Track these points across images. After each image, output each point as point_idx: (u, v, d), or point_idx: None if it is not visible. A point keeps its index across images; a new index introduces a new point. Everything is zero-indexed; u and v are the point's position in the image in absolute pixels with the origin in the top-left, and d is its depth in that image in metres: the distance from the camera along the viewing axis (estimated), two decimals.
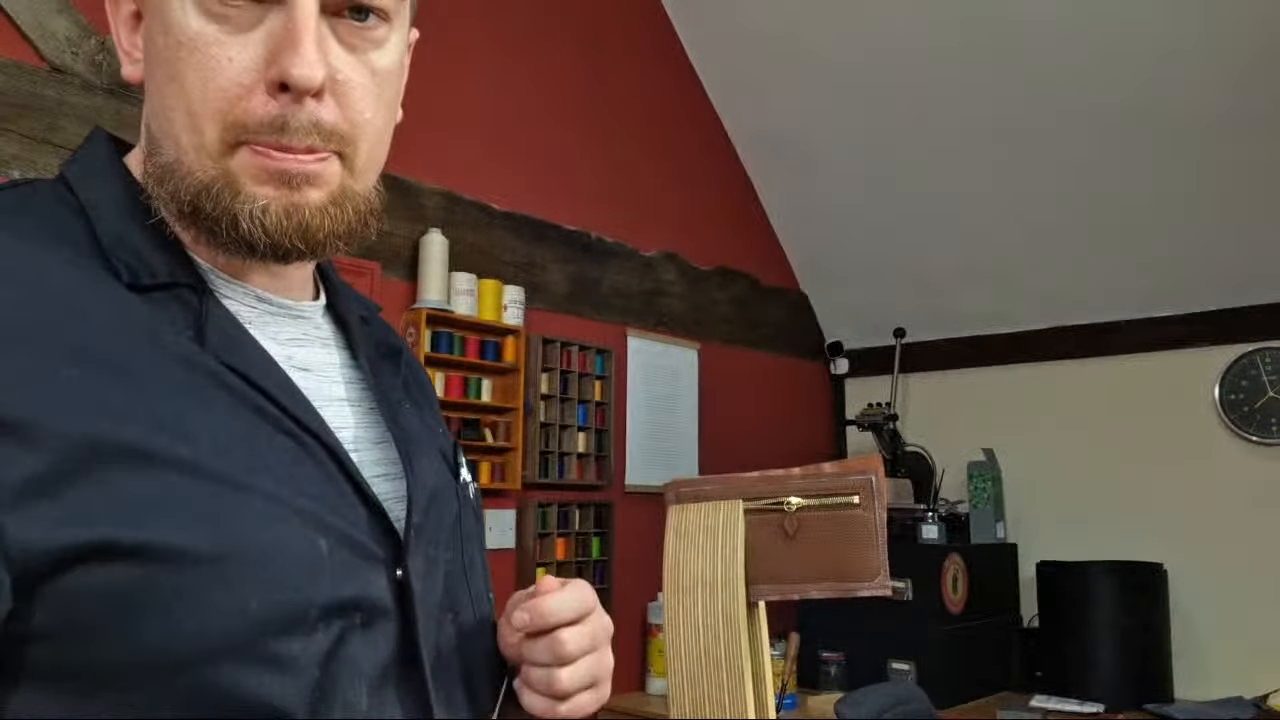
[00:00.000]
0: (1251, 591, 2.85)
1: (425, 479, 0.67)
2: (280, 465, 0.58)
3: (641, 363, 3.07)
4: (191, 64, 0.57)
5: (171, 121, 0.59)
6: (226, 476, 0.54)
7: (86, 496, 0.50)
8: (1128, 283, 3.08)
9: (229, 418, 0.57)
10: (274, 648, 0.53)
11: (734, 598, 0.76)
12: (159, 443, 0.52)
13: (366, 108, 0.61)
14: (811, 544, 0.77)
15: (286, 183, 0.59)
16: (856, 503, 0.77)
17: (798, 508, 0.78)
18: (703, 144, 3.40)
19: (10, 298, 0.52)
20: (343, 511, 0.60)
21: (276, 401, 0.59)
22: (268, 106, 0.57)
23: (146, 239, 0.60)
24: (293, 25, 0.57)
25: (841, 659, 2.95)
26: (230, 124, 0.57)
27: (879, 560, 0.75)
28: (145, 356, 0.55)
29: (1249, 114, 2.59)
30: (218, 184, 0.58)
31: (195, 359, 0.57)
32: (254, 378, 0.59)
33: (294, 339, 0.67)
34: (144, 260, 0.59)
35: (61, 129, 1.83)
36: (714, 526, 0.78)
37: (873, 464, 0.78)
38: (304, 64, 0.56)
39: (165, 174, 0.59)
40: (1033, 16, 2.67)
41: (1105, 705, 2.64)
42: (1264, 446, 2.88)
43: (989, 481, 3.19)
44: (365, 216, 0.64)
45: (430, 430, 0.75)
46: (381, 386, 0.70)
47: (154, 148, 0.61)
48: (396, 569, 0.62)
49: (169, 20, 0.58)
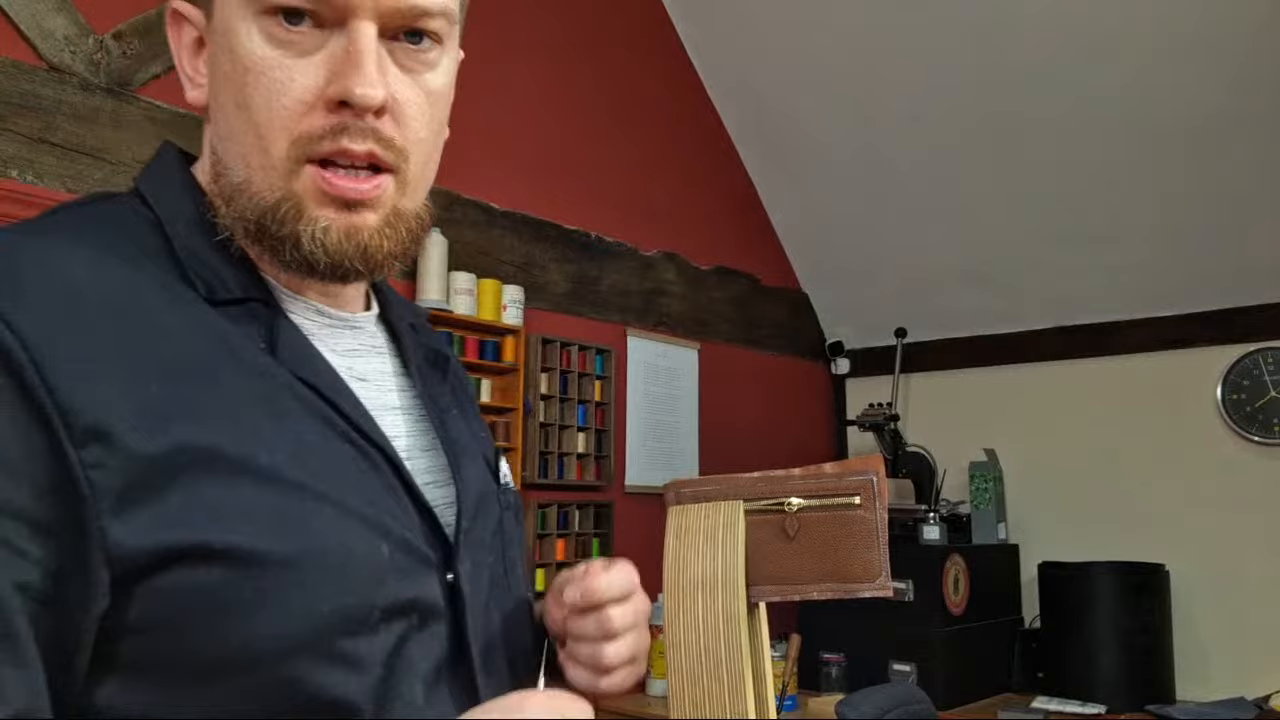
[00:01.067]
0: (1253, 592, 2.85)
1: (472, 485, 0.71)
2: (347, 474, 0.61)
3: (641, 363, 3.06)
4: (259, 87, 0.60)
5: (240, 143, 0.62)
6: (301, 484, 0.58)
7: (178, 503, 0.53)
8: (1128, 283, 3.07)
9: (302, 428, 0.60)
10: (343, 647, 0.56)
11: (734, 598, 0.75)
12: (242, 451, 0.56)
13: (421, 125, 0.65)
14: (812, 545, 0.77)
15: (346, 206, 0.62)
16: (857, 503, 0.76)
17: (798, 508, 0.77)
18: (703, 144, 3.40)
19: (103, 314, 0.55)
20: (401, 518, 0.63)
21: (343, 413, 0.63)
22: (328, 118, 0.61)
23: (219, 255, 0.63)
24: (354, 48, 0.60)
25: (842, 660, 2.95)
26: (295, 138, 0.61)
27: (880, 561, 0.75)
28: (227, 369, 0.59)
29: (1250, 114, 2.59)
30: (283, 206, 0.61)
31: (270, 371, 0.61)
32: (323, 390, 0.63)
33: (352, 350, 0.70)
34: (219, 276, 0.62)
35: (60, 128, 1.82)
36: (714, 527, 0.78)
37: (874, 464, 0.77)
38: (366, 83, 0.60)
39: (234, 194, 0.63)
40: (1033, 16, 2.67)
41: (1107, 706, 2.64)
42: (1266, 447, 2.87)
43: (990, 482, 3.19)
44: (416, 234, 0.67)
45: (474, 435, 0.78)
46: (430, 394, 0.74)
47: (221, 169, 0.64)
48: (447, 572, 0.65)
49: (235, 46, 0.61)
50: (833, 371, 3.83)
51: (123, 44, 1.92)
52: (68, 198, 1.83)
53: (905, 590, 2.81)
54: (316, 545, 0.57)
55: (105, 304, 0.55)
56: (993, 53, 2.79)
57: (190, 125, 2.01)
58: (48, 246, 0.57)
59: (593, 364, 2.87)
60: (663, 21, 3.27)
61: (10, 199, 1.75)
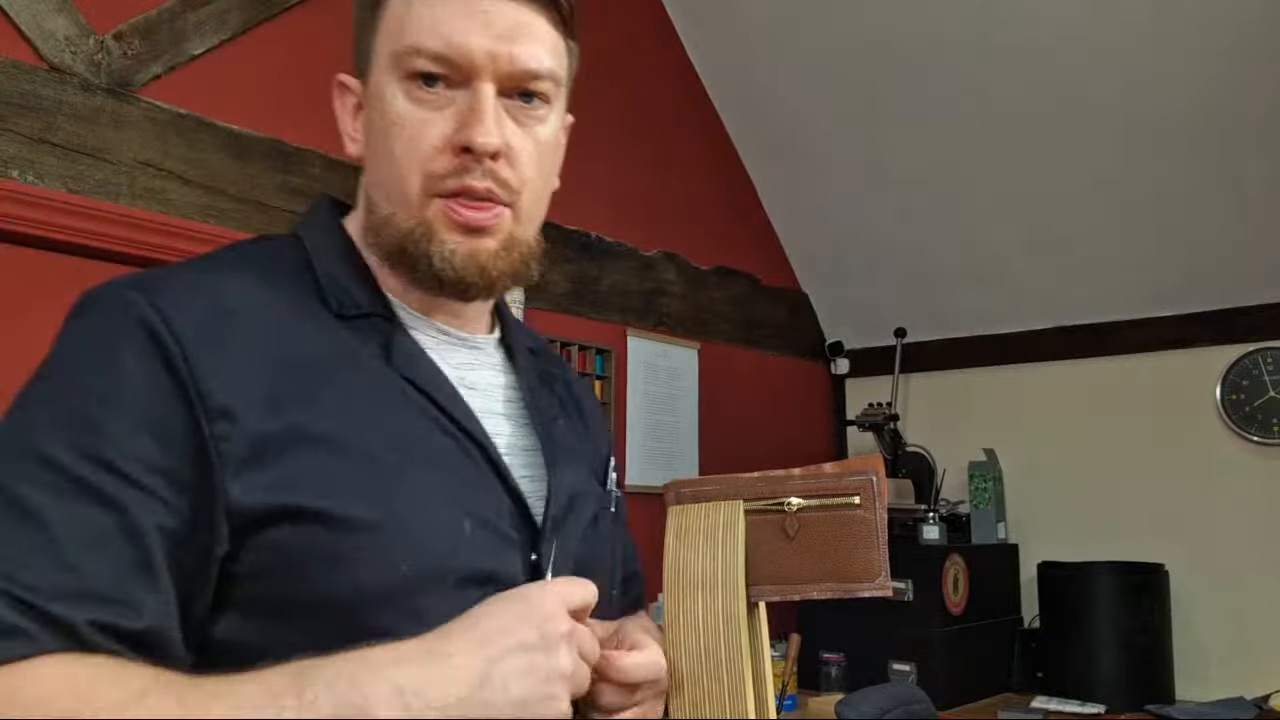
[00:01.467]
0: (1253, 592, 2.85)
1: (565, 482, 0.81)
2: (441, 459, 0.73)
3: (641, 363, 3.06)
4: (400, 137, 0.75)
5: (384, 184, 0.77)
6: (395, 465, 0.70)
7: (287, 471, 0.66)
8: (1128, 283, 3.07)
9: (404, 419, 0.73)
10: (418, 602, 0.67)
11: (734, 598, 0.76)
12: (346, 435, 0.69)
13: (531, 169, 0.78)
14: (812, 544, 0.77)
15: (470, 231, 0.75)
16: (857, 503, 0.76)
17: (798, 508, 0.77)
18: (703, 143, 3.40)
19: (242, 323, 0.70)
20: (488, 501, 0.75)
21: (442, 408, 0.75)
22: (454, 161, 0.74)
23: (352, 279, 0.78)
24: (476, 105, 0.74)
25: (842, 660, 2.95)
26: (427, 177, 0.74)
27: (880, 561, 0.75)
28: (343, 369, 0.72)
29: (1250, 113, 2.59)
30: (418, 231, 0.75)
31: (382, 373, 0.74)
32: (426, 389, 0.75)
33: (466, 363, 0.83)
34: (349, 295, 0.77)
35: (60, 128, 1.82)
36: (714, 527, 0.78)
37: (873, 464, 0.77)
38: (485, 133, 0.73)
39: (379, 226, 0.77)
40: (1033, 16, 2.67)
41: (1106, 706, 2.64)
42: (1265, 447, 2.87)
43: (990, 482, 3.19)
44: (528, 260, 0.80)
45: (582, 443, 0.90)
46: (537, 404, 0.85)
47: (371, 206, 0.79)
48: (532, 553, 0.76)
49: (384, 105, 0.76)
50: (832, 371, 3.83)
51: (124, 44, 1.92)
52: (68, 198, 1.83)
53: (905, 590, 2.81)
54: (399, 515, 0.68)
55: (245, 316, 0.70)
56: (993, 53, 2.79)
57: (190, 126, 2.01)
58: (207, 273, 0.73)
59: (593, 364, 2.87)
60: (663, 21, 3.26)
61: (10, 199, 1.75)
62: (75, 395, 0.65)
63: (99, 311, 0.68)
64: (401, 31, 0.75)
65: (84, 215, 1.83)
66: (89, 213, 1.84)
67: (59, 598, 0.58)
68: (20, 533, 0.60)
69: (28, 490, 0.61)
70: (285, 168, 2.15)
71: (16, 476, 0.61)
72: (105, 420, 0.63)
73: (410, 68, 0.74)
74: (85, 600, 0.59)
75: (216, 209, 2.02)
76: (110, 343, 0.66)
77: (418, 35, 0.74)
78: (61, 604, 0.58)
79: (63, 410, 0.64)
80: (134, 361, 0.65)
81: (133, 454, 0.63)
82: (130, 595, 0.61)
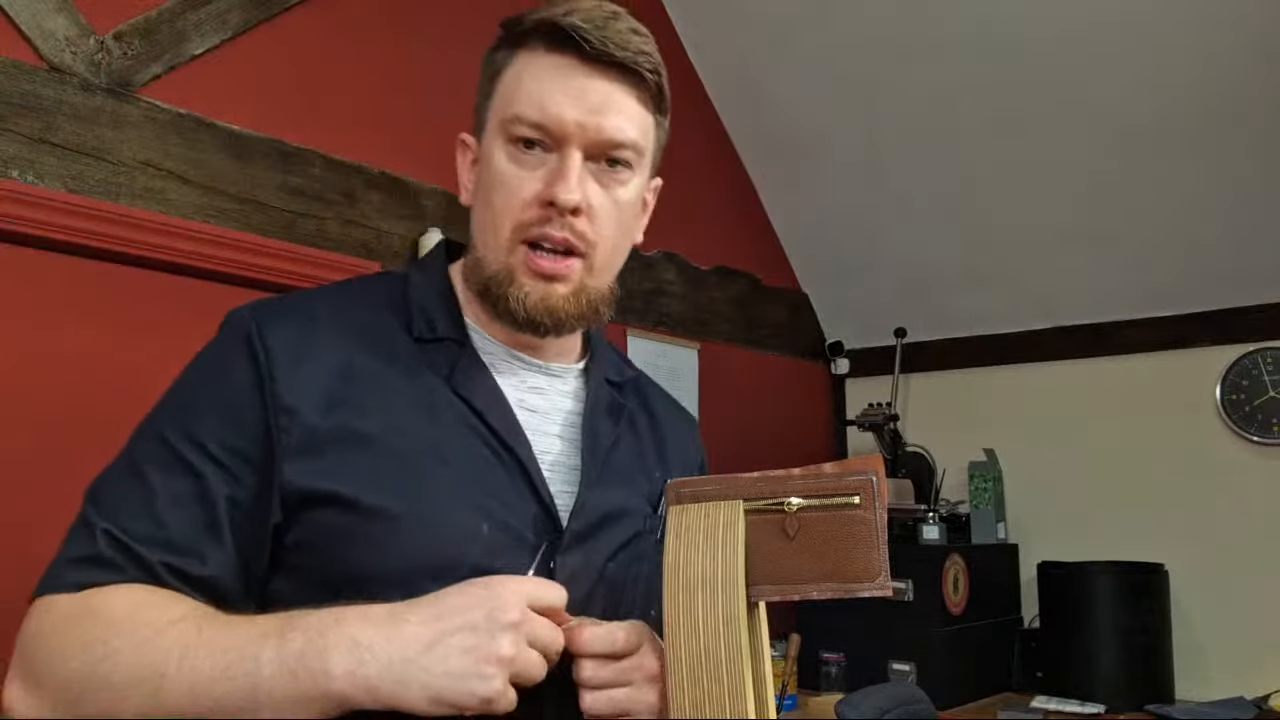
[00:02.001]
0: (1253, 592, 2.85)
1: (603, 499, 0.90)
2: (475, 468, 0.84)
3: (641, 362, 3.04)
4: (499, 191, 0.87)
5: (483, 229, 0.90)
6: (427, 467, 0.82)
7: (330, 463, 0.80)
8: (1128, 283, 3.07)
9: (449, 430, 0.85)
10: (427, 587, 0.75)
11: (734, 598, 0.75)
12: (386, 436, 0.82)
13: (608, 225, 0.89)
14: (812, 544, 0.77)
15: (545, 278, 0.87)
16: (857, 503, 0.76)
17: (798, 508, 0.77)
18: (703, 143, 3.39)
19: (324, 339, 0.85)
20: (514, 507, 0.84)
21: (488, 424, 0.86)
22: (539, 212, 0.86)
23: (439, 309, 0.92)
24: (563, 166, 0.86)
25: (842, 660, 2.95)
26: (515, 225, 0.87)
27: (880, 561, 0.75)
28: (401, 381, 0.86)
29: (1250, 113, 2.59)
30: (501, 274, 0.88)
31: (438, 389, 0.87)
32: (476, 405, 0.87)
33: (536, 388, 0.94)
34: (430, 322, 0.90)
35: (60, 128, 1.82)
36: (714, 527, 0.78)
37: (873, 464, 0.77)
38: (568, 190, 0.85)
39: (474, 265, 0.91)
40: (1033, 16, 2.67)
41: (1106, 706, 2.64)
42: (1265, 447, 2.87)
43: (990, 482, 3.18)
44: (597, 305, 0.92)
45: (644, 471, 0.98)
46: (594, 429, 0.94)
47: (473, 246, 0.92)
48: (550, 562, 0.85)
49: (491, 163, 0.89)
50: (832, 371, 3.83)
51: (124, 44, 1.92)
52: (68, 198, 1.83)
53: (905, 590, 2.81)
54: (420, 510, 0.80)
55: (325, 332, 0.86)
56: (993, 52, 2.79)
57: (190, 126, 2.01)
58: (314, 297, 0.92)
59: None
60: (663, 22, 3.26)
61: (10, 199, 1.75)
62: (192, 390, 0.85)
63: (225, 327, 0.87)
64: (510, 101, 0.88)
65: (84, 215, 1.83)
66: (89, 213, 1.84)
67: (145, 542, 0.77)
68: (132, 490, 0.80)
69: (143, 459, 0.81)
70: (285, 168, 2.15)
71: (142, 449, 0.82)
72: (205, 410, 0.82)
73: (513, 133, 0.87)
74: (164, 547, 0.78)
75: (216, 209, 2.02)
76: (224, 351, 0.85)
77: (522, 106, 0.86)
78: (145, 547, 0.77)
79: (181, 402, 0.84)
80: (233, 366, 0.83)
81: (217, 437, 0.81)
82: (199, 548, 0.79)
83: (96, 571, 0.77)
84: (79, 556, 0.78)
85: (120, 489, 0.80)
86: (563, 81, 0.86)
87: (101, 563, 0.77)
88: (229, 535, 0.79)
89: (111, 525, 0.77)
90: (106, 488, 0.81)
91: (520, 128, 0.86)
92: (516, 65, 0.88)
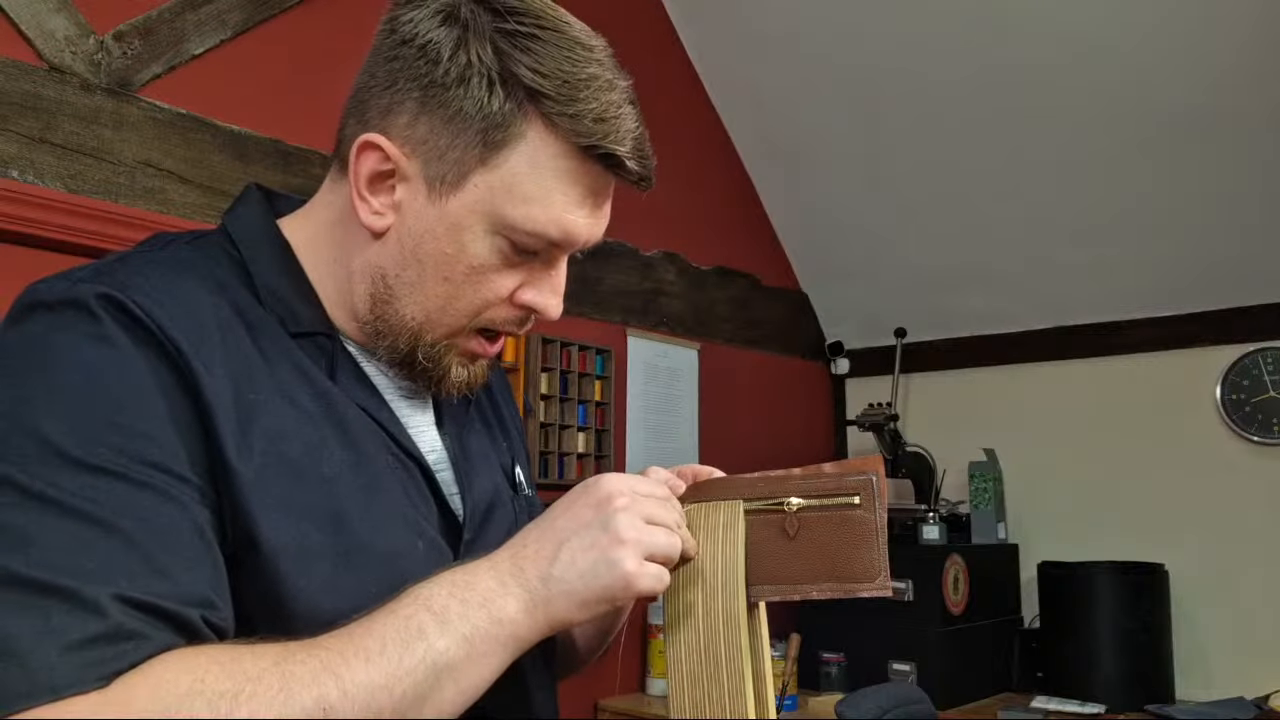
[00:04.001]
0: (1253, 592, 2.85)
1: (481, 497, 0.83)
2: (393, 483, 0.75)
3: (641, 363, 3.06)
4: (473, 284, 0.76)
5: (430, 302, 0.76)
6: (356, 491, 0.72)
7: (256, 502, 0.66)
8: (1128, 283, 3.07)
9: (357, 443, 0.74)
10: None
11: (734, 598, 0.75)
12: (313, 464, 0.70)
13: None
14: (812, 544, 0.77)
15: (486, 363, 0.82)
16: (857, 503, 0.76)
17: (798, 508, 0.77)
18: (703, 144, 3.39)
19: (217, 332, 0.69)
20: (431, 519, 0.78)
21: (389, 432, 0.77)
22: (514, 312, 0.78)
23: (295, 297, 0.77)
24: (556, 277, 0.78)
25: (842, 660, 2.95)
26: (479, 320, 0.78)
27: (880, 561, 0.75)
28: (301, 390, 0.73)
29: (1250, 113, 2.59)
30: (439, 347, 0.78)
31: (332, 394, 0.75)
32: (372, 412, 0.77)
33: (393, 382, 0.82)
34: (292, 311, 0.76)
35: (60, 128, 1.82)
36: (714, 526, 0.78)
37: (873, 464, 0.77)
38: (559, 305, 0.79)
39: (396, 324, 0.77)
40: (1032, 16, 2.67)
41: (1106, 706, 2.64)
42: (1265, 446, 2.87)
43: (990, 482, 3.18)
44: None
45: (494, 447, 0.91)
46: (453, 414, 0.87)
47: (389, 297, 0.77)
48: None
49: (463, 242, 0.75)
50: (833, 371, 3.83)
51: (123, 44, 1.92)
52: (67, 197, 1.83)
53: (905, 590, 2.81)
54: (367, 540, 0.71)
55: (217, 325, 0.69)
56: (993, 52, 2.79)
57: (190, 126, 2.01)
58: (172, 277, 0.70)
59: (593, 364, 2.87)
60: (663, 22, 3.26)
61: (10, 199, 1.75)
62: (93, 398, 0.62)
63: (76, 309, 0.65)
64: (524, 202, 0.73)
65: (84, 215, 1.83)
66: (89, 212, 1.84)
67: (171, 598, 0.59)
68: (94, 539, 0.58)
69: (75, 496, 0.59)
70: (285, 168, 2.15)
71: (61, 486, 0.59)
72: (135, 420, 0.62)
73: (518, 241, 0.75)
74: (193, 599, 0.60)
75: (216, 209, 2.02)
76: (107, 341, 0.64)
77: (543, 224, 0.74)
78: (175, 603, 0.59)
79: (85, 413, 0.62)
80: (142, 360, 0.64)
81: (171, 451, 0.63)
82: (216, 592, 0.63)
83: (120, 647, 0.56)
84: (84, 639, 0.55)
85: (75, 542, 0.58)
86: (589, 205, 0.76)
87: (123, 637, 0.56)
88: (222, 570, 0.65)
89: (117, 590, 0.57)
90: (49, 548, 0.57)
91: (530, 241, 0.75)
92: (531, 150, 0.73)
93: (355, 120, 0.76)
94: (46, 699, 0.53)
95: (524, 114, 0.72)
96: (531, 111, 0.72)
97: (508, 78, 0.72)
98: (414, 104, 0.73)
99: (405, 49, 0.73)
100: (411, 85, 0.73)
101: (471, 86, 0.72)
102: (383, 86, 0.75)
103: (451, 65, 0.72)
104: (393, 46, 0.75)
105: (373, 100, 0.75)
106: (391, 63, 0.74)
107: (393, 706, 0.61)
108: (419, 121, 0.73)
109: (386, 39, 0.75)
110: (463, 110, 0.72)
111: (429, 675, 0.62)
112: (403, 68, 0.74)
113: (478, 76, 0.72)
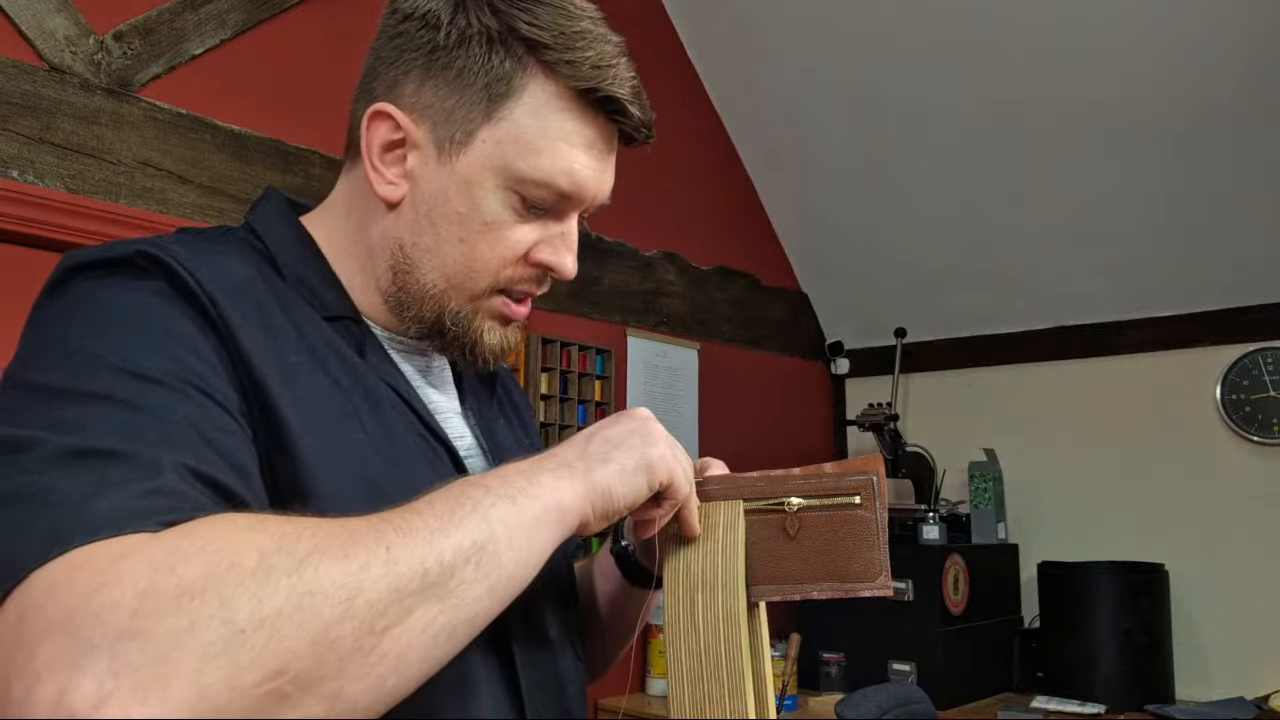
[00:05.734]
0: (1253, 592, 2.85)
1: None
2: (421, 463, 0.75)
3: (641, 363, 3.06)
4: (487, 241, 0.77)
5: (448, 266, 0.77)
6: (386, 463, 0.72)
7: (310, 450, 0.67)
8: (1128, 283, 3.07)
9: (387, 419, 0.74)
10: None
11: (734, 598, 0.75)
12: (349, 430, 0.71)
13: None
14: (812, 544, 0.77)
15: (507, 321, 0.82)
16: (858, 503, 0.76)
17: (799, 508, 0.77)
18: (703, 144, 3.40)
19: (255, 304, 0.70)
20: None
21: (416, 412, 0.78)
22: (530, 271, 0.80)
23: (321, 283, 0.78)
24: (569, 234, 0.80)
25: (842, 660, 2.95)
26: (498, 276, 0.78)
27: (880, 561, 0.75)
28: (334, 363, 0.73)
29: (1250, 113, 2.59)
30: (465, 312, 0.79)
31: (364, 373, 0.75)
32: (401, 392, 0.77)
33: (421, 369, 0.85)
34: (319, 297, 0.77)
35: (60, 128, 1.82)
36: (714, 526, 0.78)
37: (874, 464, 0.77)
38: (573, 261, 0.81)
39: (421, 296, 0.78)
40: (1033, 17, 2.67)
41: (1106, 706, 2.64)
42: (1265, 446, 2.87)
43: (990, 482, 3.18)
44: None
45: (519, 444, 0.92)
46: (479, 408, 0.89)
47: (409, 267, 0.78)
48: None
49: (475, 200, 0.76)
50: (833, 371, 3.83)
51: (123, 44, 1.92)
52: (67, 197, 1.83)
53: (905, 590, 2.81)
54: (392, 502, 0.68)
55: (255, 295, 0.70)
56: (993, 52, 2.79)
57: (189, 126, 2.01)
58: (208, 249, 0.71)
59: (593, 364, 2.87)
60: (663, 23, 3.27)
61: (10, 199, 1.75)
62: (140, 328, 0.63)
63: (117, 265, 0.66)
64: (531, 153, 0.75)
65: (84, 215, 1.83)
66: (89, 212, 1.84)
67: (225, 472, 0.59)
68: (160, 425, 0.58)
69: (121, 392, 0.59)
70: (285, 168, 2.15)
71: (114, 388, 0.59)
72: (181, 352, 0.63)
73: (528, 194, 0.76)
74: (242, 478, 0.61)
75: (216, 209, 2.02)
76: (150, 289, 0.65)
77: (550, 173, 0.75)
78: (230, 477, 0.59)
79: (133, 339, 0.62)
80: (184, 304, 0.65)
81: (217, 385, 0.63)
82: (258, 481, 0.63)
83: (179, 500, 0.55)
84: (143, 490, 0.54)
85: (130, 427, 0.57)
86: (594, 153, 0.78)
87: (181, 495, 0.55)
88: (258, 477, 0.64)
89: (178, 458, 0.57)
90: (105, 429, 0.56)
91: (542, 194, 0.76)
92: (534, 101, 0.75)
93: (364, 101, 0.78)
94: (108, 533, 0.50)
95: (524, 67, 0.74)
96: (531, 63, 0.74)
97: (506, 34, 0.74)
98: (419, 71, 0.75)
99: (408, 24, 0.76)
100: (415, 55, 0.75)
101: (472, 45, 0.74)
102: (388, 63, 0.77)
103: (452, 29, 0.74)
104: (395, 24, 0.77)
105: (379, 78, 0.78)
106: (395, 39, 0.77)
107: (448, 558, 0.58)
108: (425, 87, 0.75)
109: (389, 19, 0.78)
110: (466, 69, 0.74)
111: (481, 526, 0.60)
112: (406, 41, 0.76)
113: (478, 36, 0.74)
